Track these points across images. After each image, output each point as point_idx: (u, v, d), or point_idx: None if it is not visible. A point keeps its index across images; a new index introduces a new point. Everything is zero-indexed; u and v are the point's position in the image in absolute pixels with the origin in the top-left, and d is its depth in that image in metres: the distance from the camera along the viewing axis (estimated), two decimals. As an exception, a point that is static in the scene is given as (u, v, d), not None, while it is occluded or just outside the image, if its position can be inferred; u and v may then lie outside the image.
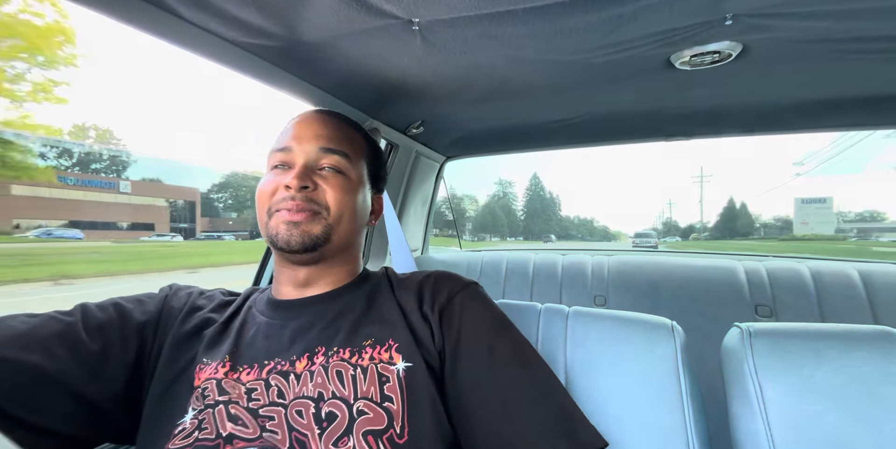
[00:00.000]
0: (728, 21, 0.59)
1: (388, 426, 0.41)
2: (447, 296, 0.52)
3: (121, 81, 78.89)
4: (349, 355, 0.47)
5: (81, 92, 49.33)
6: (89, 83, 55.82)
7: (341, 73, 0.76)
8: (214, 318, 0.54)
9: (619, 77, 0.83)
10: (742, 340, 0.54)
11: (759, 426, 0.49)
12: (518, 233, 51.23)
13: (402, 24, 0.59)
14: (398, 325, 0.50)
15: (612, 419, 0.55)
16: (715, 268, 1.22)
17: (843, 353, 0.50)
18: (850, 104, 0.99)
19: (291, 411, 0.43)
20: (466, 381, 0.46)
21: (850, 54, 0.72)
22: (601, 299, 1.27)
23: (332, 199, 0.53)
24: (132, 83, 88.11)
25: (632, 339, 0.59)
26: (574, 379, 0.60)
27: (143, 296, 0.55)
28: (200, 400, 0.45)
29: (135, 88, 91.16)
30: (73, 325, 0.46)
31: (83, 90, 55.77)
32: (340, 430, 0.41)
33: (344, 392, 0.44)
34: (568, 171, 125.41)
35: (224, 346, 0.50)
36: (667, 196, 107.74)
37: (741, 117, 1.12)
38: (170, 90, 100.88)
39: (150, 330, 0.51)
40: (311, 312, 0.52)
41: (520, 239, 48.90)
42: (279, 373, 0.47)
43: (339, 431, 0.41)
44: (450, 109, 1.03)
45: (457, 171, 20.37)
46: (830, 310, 1.06)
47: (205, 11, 0.55)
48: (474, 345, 0.48)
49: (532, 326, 0.66)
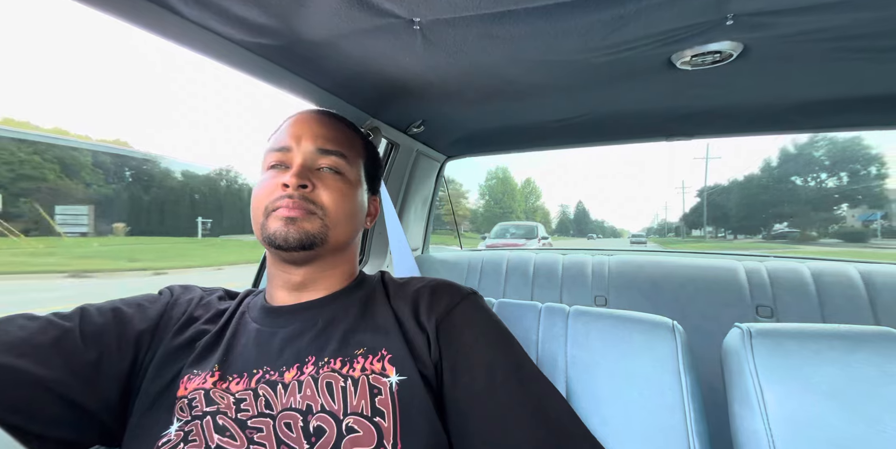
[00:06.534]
0: (729, 21, 0.59)
1: (377, 445, 0.40)
2: (446, 307, 0.51)
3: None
4: (340, 366, 0.46)
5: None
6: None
7: (342, 72, 0.76)
8: (208, 329, 0.53)
9: (620, 77, 0.83)
10: (743, 340, 0.54)
11: (760, 426, 0.49)
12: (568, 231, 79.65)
13: (403, 23, 0.59)
14: (392, 334, 0.49)
15: (613, 419, 0.55)
16: (716, 268, 1.21)
17: (844, 353, 0.50)
18: (850, 104, 0.99)
19: (280, 424, 0.42)
20: (466, 397, 0.45)
21: (851, 54, 0.72)
22: (602, 299, 1.26)
23: (328, 200, 0.52)
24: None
25: (632, 338, 0.59)
26: (574, 379, 0.59)
27: (145, 300, 0.54)
28: (187, 411, 0.44)
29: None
30: (71, 331, 0.45)
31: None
32: (328, 447, 0.40)
33: (333, 406, 0.43)
34: (586, 177, 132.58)
35: (214, 355, 0.49)
36: (662, 200, 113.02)
37: (742, 117, 1.12)
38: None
39: (146, 339, 0.50)
40: (302, 319, 0.51)
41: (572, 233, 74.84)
42: (267, 382, 0.46)
43: (326, 447, 0.40)
44: (451, 109, 1.03)
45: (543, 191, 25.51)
46: (831, 310, 1.06)
47: (206, 10, 0.55)
48: (474, 361, 0.47)
49: (532, 325, 0.66)
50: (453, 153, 1.52)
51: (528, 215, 55.40)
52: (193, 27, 0.57)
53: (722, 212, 40.47)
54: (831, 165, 30.81)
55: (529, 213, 56.71)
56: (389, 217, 1.00)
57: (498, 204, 52.95)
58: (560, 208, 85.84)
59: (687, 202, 53.00)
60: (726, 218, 39.72)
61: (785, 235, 32.28)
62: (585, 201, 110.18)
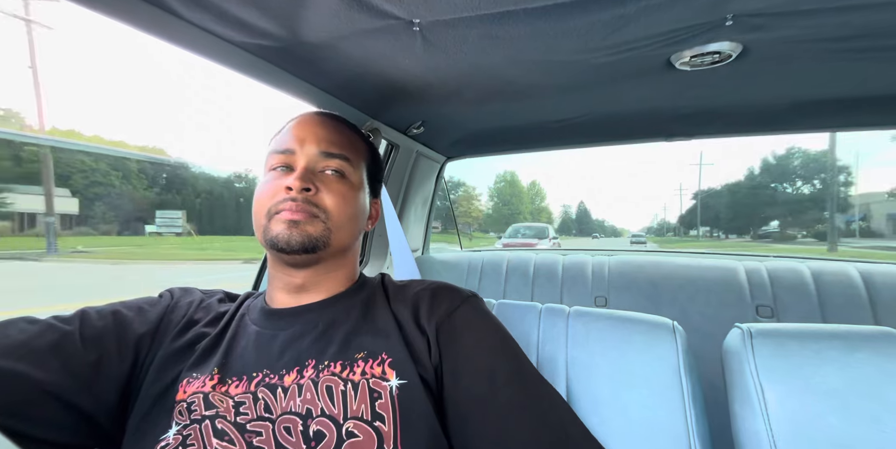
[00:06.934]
0: (728, 22, 0.59)
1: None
2: (446, 310, 0.51)
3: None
4: (340, 369, 0.46)
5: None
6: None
7: (342, 74, 0.76)
8: (208, 331, 0.52)
9: (620, 78, 0.83)
10: (743, 340, 0.54)
11: (761, 426, 0.49)
12: (570, 231, 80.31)
13: (403, 24, 0.59)
14: (393, 337, 0.48)
15: (613, 420, 0.55)
16: (716, 268, 1.21)
17: (845, 353, 0.50)
18: (850, 104, 0.99)
19: (279, 428, 0.42)
20: (467, 401, 0.45)
21: (851, 54, 0.72)
22: (602, 300, 1.26)
23: (331, 203, 0.52)
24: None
25: (633, 339, 0.59)
26: (575, 379, 0.59)
27: (146, 303, 0.54)
28: (186, 415, 0.44)
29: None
30: (70, 334, 0.45)
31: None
32: None
33: (333, 410, 0.43)
34: (587, 177, 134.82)
35: (214, 359, 0.49)
36: (662, 201, 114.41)
37: (742, 117, 1.12)
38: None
39: (146, 343, 0.50)
40: (302, 322, 0.51)
41: (574, 233, 75.58)
42: (266, 386, 0.45)
43: None
44: (450, 110, 1.03)
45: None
46: (831, 310, 1.06)
47: (205, 12, 0.55)
48: (475, 364, 0.47)
49: (533, 326, 0.66)
50: (453, 154, 1.52)
51: (534, 216, 56.42)
52: (193, 29, 0.57)
53: (714, 214, 45.00)
54: (804, 174, 35.59)
55: (535, 214, 57.81)
56: (389, 218, 1.00)
57: (507, 205, 54.13)
58: (562, 208, 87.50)
59: (684, 204, 56.16)
60: (718, 219, 44.11)
61: (769, 234, 37.03)
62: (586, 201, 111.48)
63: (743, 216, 40.36)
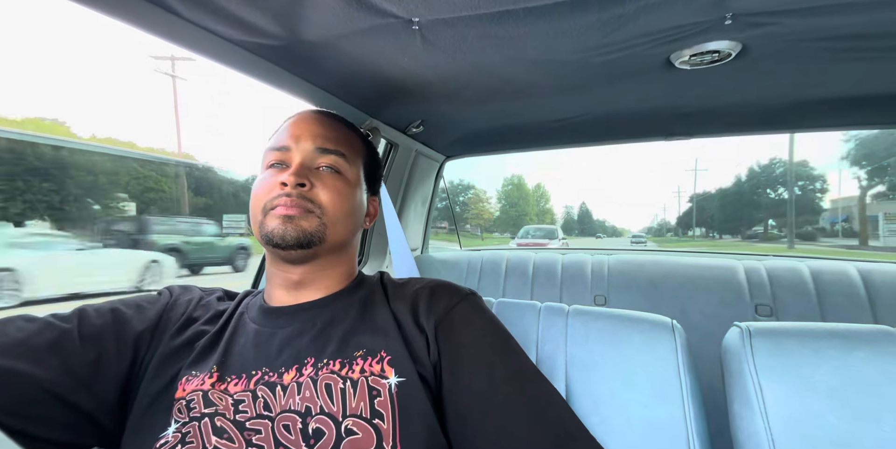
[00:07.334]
0: (728, 20, 0.59)
1: (377, 447, 0.40)
2: (445, 308, 0.51)
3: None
4: (339, 367, 0.46)
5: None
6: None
7: (341, 73, 0.76)
8: (207, 329, 0.52)
9: (619, 76, 0.83)
10: (742, 339, 0.54)
11: (760, 426, 0.49)
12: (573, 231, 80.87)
13: (403, 23, 0.59)
14: (392, 335, 0.48)
15: (612, 418, 0.55)
16: (715, 267, 1.21)
17: (844, 352, 0.50)
18: (850, 104, 0.99)
19: (278, 425, 0.42)
20: (466, 399, 0.45)
21: (850, 54, 0.72)
22: (601, 299, 1.26)
23: (327, 198, 0.52)
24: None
25: (632, 337, 0.59)
26: (574, 378, 0.59)
27: (144, 301, 0.54)
28: (185, 412, 0.44)
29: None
30: (69, 332, 0.45)
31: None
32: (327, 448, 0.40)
33: (332, 408, 0.43)
34: (588, 178, 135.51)
35: (213, 356, 0.49)
36: (662, 202, 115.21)
37: (741, 117, 1.12)
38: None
39: (144, 341, 0.50)
40: (301, 320, 0.51)
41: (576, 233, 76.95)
42: (266, 383, 0.46)
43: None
44: (450, 109, 1.03)
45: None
46: (830, 309, 1.06)
47: (204, 10, 0.54)
48: (473, 362, 0.47)
49: (532, 325, 0.66)
50: (452, 153, 1.52)
51: (539, 217, 57.22)
52: (191, 27, 0.57)
53: (709, 215, 48.41)
54: (786, 182, 39.00)
55: (541, 216, 58.57)
56: (389, 217, 1.00)
57: (514, 207, 55.30)
58: (565, 209, 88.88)
59: (682, 206, 58.46)
60: (712, 221, 47.82)
61: (756, 235, 40.87)
62: (588, 202, 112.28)
63: (734, 218, 44.35)
